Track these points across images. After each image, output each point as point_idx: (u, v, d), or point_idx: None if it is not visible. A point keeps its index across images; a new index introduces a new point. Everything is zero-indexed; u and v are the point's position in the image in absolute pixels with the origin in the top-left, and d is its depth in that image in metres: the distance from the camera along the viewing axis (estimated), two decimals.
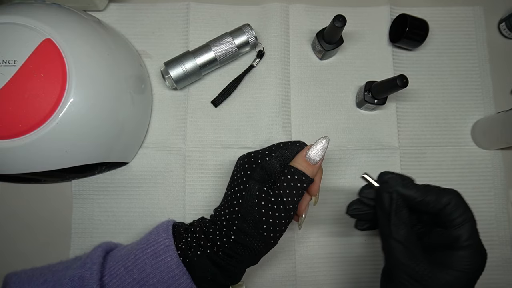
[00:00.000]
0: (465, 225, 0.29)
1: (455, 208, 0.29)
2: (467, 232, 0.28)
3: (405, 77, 0.37)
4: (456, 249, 0.28)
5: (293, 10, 0.47)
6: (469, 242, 0.28)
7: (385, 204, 0.31)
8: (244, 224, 0.31)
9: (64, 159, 0.33)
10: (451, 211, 0.29)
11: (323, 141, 0.33)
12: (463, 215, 0.29)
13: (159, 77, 0.45)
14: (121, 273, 0.30)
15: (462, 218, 0.29)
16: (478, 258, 0.28)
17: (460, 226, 0.29)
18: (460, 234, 0.29)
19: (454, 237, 0.29)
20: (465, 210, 0.30)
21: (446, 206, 0.29)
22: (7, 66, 0.30)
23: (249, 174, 0.32)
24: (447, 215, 0.29)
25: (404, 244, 0.29)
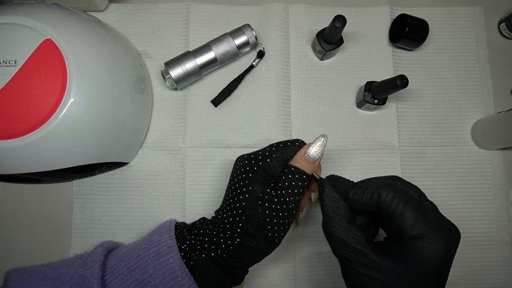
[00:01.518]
0: (405, 213, 0.26)
1: (390, 199, 0.26)
2: (409, 220, 0.26)
3: (405, 77, 0.37)
4: (406, 241, 0.26)
5: (293, 10, 0.47)
6: (416, 232, 0.25)
7: (322, 199, 0.29)
8: (249, 226, 0.31)
9: (64, 159, 0.33)
10: (388, 201, 0.26)
11: (321, 139, 0.33)
12: (399, 203, 0.26)
13: (159, 77, 0.45)
14: (123, 272, 0.30)
15: (400, 207, 0.26)
16: (436, 245, 0.25)
17: (400, 216, 0.26)
18: (403, 225, 0.26)
19: (399, 230, 0.26)
20: (401, 198, 0.26)
21: (379, 201, 0.27)
22: (7, 66, 0.30)
23: (251, 177, 0.32)
24: (386, 207, 0.27)
25: (341, 238, 0.27)
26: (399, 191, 0.27)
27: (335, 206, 0.28)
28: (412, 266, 0.25)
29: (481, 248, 0.43)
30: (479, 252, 0.44)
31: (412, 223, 0.26)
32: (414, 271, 0.25)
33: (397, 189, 0.27)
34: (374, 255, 0.26)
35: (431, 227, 0.26)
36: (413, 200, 0.27)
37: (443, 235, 0.26)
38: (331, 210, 0.28)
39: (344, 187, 0.29)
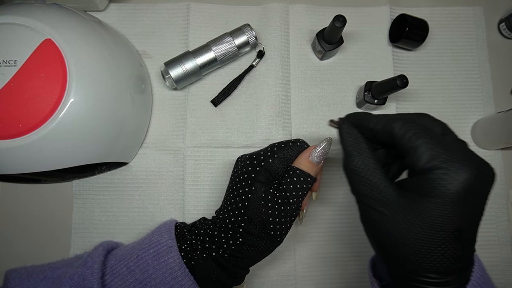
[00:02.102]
0: (418, 146, 0.23)
1: (404, 129, 0.25)
2: (423, 153, 0.23)
3: (405, 77, 0.37)
4: (421, 174, 0.23)
5: (293, 10, 0.47)
6: (431, 164, 0.23)
7: (342, 137, 0.28)
8: (251, 226, 0.31)
9: (64, 159, 0.33)
10: (401, 134, 0.25)
11: (326, 142, 0.34)
12: (413, 136, 0.24)
13: (159, 77, 0.45)
14: (123, 272, 0.30)
15: (413, 139, 0.24)
16: (453, 174, 0.22)
17: (413, 150, 0.24)
18: (416, 158, 0.23)
19: (414, 164, 0.24)
20: (415, 131, 0.24)
21: (394, 130, 0.25)
22: (7, 66, 0.30)
23: (253, 177, 0.32)
24: (399, 140, 0.25)
25: (358, 172, 0.26)
26: (415, 124, 0.25)
27: (354, 140, 0.27)
28: (425, 200, 0.23)
29: (481, 248, 0.43)
30: (479, 252, 0.42)
31: (426, 156, 0.23)
32: (428, 205, 0.23)
33: (413, 122, 0.25)
34: (389, 189, 0.24)
35: (449, 159, 0.23)
36: (431, 134, 0.24)
37: (464, 166, 0.22)
38: (350, 145, 0.27)
39: (361, 120, 0.28)
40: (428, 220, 0.22)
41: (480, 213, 0.24)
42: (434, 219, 0.22)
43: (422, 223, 0.23)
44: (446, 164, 0.22)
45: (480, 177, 0.23)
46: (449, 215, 0.22)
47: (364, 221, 0.26)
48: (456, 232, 0.22)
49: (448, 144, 0.24)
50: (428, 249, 0.23)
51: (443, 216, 0.22)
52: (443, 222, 0.22)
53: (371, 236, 0.26)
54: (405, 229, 0.23)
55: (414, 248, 0.23)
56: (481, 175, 0.23)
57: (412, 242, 0.23)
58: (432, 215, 0.22)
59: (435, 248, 0.22)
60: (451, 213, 0.22)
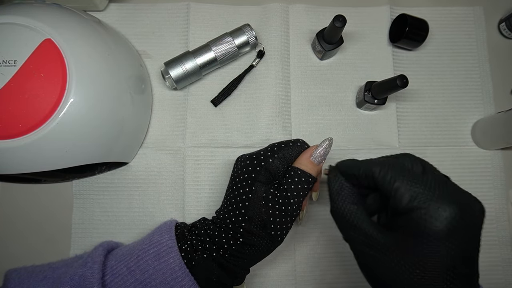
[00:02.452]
0: (398, 188, 0.24)
1: (382, 172, 0.25)
2: (403, 194, 0.23)
3: (405, 77, 0.37)
4: (403, 214, 0.24)
5: (293, 10, 0.47)
6: (411, 204, 0.23)
7: (328, 185, 0.29)
8: (252, 226, 0.31)
9: (64, 159, 0.33)
10: (381, 178, 0.25)
11: (327, 142, 0.34)
12: (391, 178, 0.24)
13: (159, 77, 0.45)
14: (123, 273, 0.30)
15: (392, 182, 0.24)
16: (435, 212, 0.22)
17: (394, 192, 0.24)
18: (397, 200, 0.24)
19: (396, 206, 0.24)
20: (394, 174, 0.25)
21: (374, 174, 0.26)
22: (7, 66, 0.30)
23: (253, 177, 0.32)
24: (380, 184, 0.25)
25: (343, 217, 0.27)
26: (393, 167, 0.25)
27: (339, 187, 0.28)
28: (411, 240, 0.23)
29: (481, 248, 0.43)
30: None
31: (406, 197, 0.23)
32: (414, 246, 0.23)
33: (391, 165, 0.26)
34: (374, 231, 0.25)
35: (428, 198, 0.23)
36: (411, 174, 0.25)
37: (444, 204, 0.22)
38: (334, 192, 0.28)
39: (347, 168, 0.29)
40: (417, 260, 0.22)
41: (475, 247, 0.24)
42: (422, 259, 0.22)
43: (412, 264, 0.23)
44: (426, 203, 0.23)
45: (465, 213, 0.22)
46: (438, 254, 0.22)
47: (360, 265, 0.27)
48: (449, 270, 0.22)
49: (428, 183, 0.24)
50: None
51: (431, 255, 0.22)
52: (432, 262, 0.22)
53: (369, 280, 0.27)
54: (397, 271, 0.23)
55: (408, 287, 0.23)
56: (465, 211, 0.23)
57: (406, 284, 0.23)
58: (420, 255, 0.22)
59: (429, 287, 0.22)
60: (439, 252, 0.22)
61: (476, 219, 0.23)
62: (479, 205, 0.24)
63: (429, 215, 0.22)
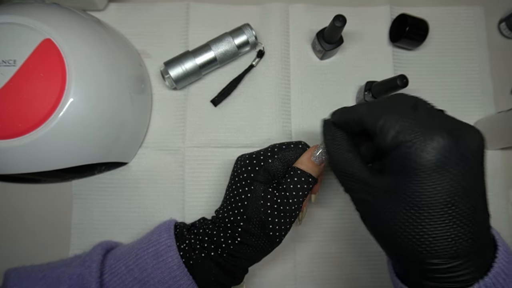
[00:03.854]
0: (384, 125, 0.22)
1: (369, 110, 0.24)
2: (388, 130, 0.21)
3: (405, 77, 0.37)
4: (391, 152, 0.22)
5: (293, 10, 0.47)
6: (397, 139, 0.21)
7: (322, 136, 0.29)
8: (250, 226, 0.31)
9: (63, 159, 0.33)
10: (367, 116, 0.24)
11: None
12: (378, 116, 0.22)
13: (159, 77, 0.44)
14: (122, 271, 0.30)
15: (378, 119, 0.22)
16: (420, 144, 0.20)
17: (379, 129, 0.22)
18: (382, 138, 0.22)
19: (381, 141, 0.22)
20: (380, 111, 0.23)
21: (362, 115, 0.24)
22: (6, 66, 0.30)
23: (252, 176, 0.32)
24: (366, 124, 0.24)
25: (338, 166, 0.25)
26: (381, 104, 0.24)
27: (332, 137, 0.27)
28: (401, 178, 0.21)
29: None
30: None
31: (392, 132, 0.21)
32: (404, 183, 0.21)
33: (380, 103, 0.24)
34: (368, 176, 0.23)
35: (415, 130, 0.21)
36: (399, 110, 0.22)
37: (433, 134, 0.20)
38: (328, 142, 0.28)
39: (340, 116, 0.28)
40: (410, 200, 0.20)
41: (477, 182, 0.21)
42: (415, 197, 0.20)
43: (405, 204, 0.21)
44: (411, 135, 0.20)
45: (458, 143, 0.20)
46: (430, 190, 0.20)
47: (362, 218, 0.25)
48: (446, 207, 0.20)
49: (418, 116, 0.22)
50: (421, 232, 0.20)
51: (423, 192, 0.20)
52: (425, 199, 0.20)
53: (371, 232, 0.25)
54: (392, 215, 0.21)
55: (406, 233, 0.21)
56: (459, 141, 0.20)
57: (403, 227, 0.21)
58: (412, 193, 0.20)
59: (428, 229, 0.20)
60: (430, 187, 0.20)
61: (474, 149, 0.21)
62: (476, 134, 0.21)
63: (415, 148, 0.20)
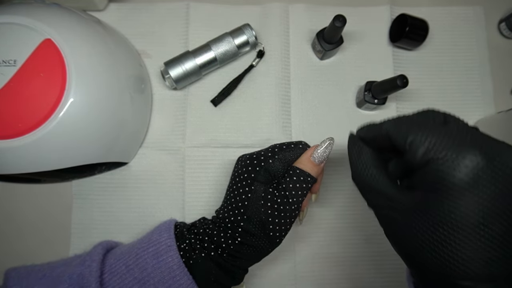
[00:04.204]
0: (413, 142, 0.21)
1: (397, 126, 0.23)
2: (417, 146, 0.21)
3: (405, 77, 0.37)
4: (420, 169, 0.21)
5: (293, 10, 0.47)
6: (427, 156, 0.20)
7: (348, 149, 0.28)
8: (250, 226, 0.31)
9: (64, 159, 0.33)
10: (395, 132, 0.23)
11: (328, 142, 0.33)
12: (406, 132, 0.22)
13: (159, 77, 0.44)
14: (122, 271, 0.30)
15: (406, 135, 0.22)
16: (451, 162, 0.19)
17: (408, 146, 0.22)
18: (411, 154, 0.21)
19: (411, 158, 0.21)
20: (408, 127, 0.22)
21: (389, 131, 0.24)
22: (7, 66, 0.30)
23: (253, 177, 0.32)
24: (394, 140, 0.23)
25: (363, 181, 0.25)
26: (410, 121, 0.23)
27: (358, 152, 0.26)
28: (431, 196, 0.20)
29: None
30: None
31: (422, 148, 0.21)
32: (434, 201, 0.20)
33: (409, 120, 0.23)
34: (395, 192, 0.22)
35: (447, 147, 0.20)
36: (429, 125, 0.22)
37: (466, 152, 0.19)
38: (353, 157, 0.26)
39: (367, 131, 0.27)
40: (439, 218, 0.20)
41: (510, 203, 0.19)
42: (445, 216, 0.19)
43: (435, 222, 0.20)
44: (443, 152, 0.20)
45: (493, 161, 0.19)
46: (461, 209, 0.19)
47: (386, 234, 0.24)
48: (478, 228, 0.19)
49: (449, 132, 0.21)
50: (451, 252, 0.19)
51: (454, 211, 0.19)
52: (456, 218, 0.19)
53: (396, 249, 0.24)
54: (421, 233, 0.21)
55: (434, 253, 0.20)
56: (493, 159, 0.19)
57: (430, 246, 0.20)
58: (442, 212, 0.20)
59: (459, 251, 0.19)
60: (462, 206, 0.19)
61: (508, 169, 0.19)
62: (511, 153, 0.20)
63: (447, 165, 0.19)
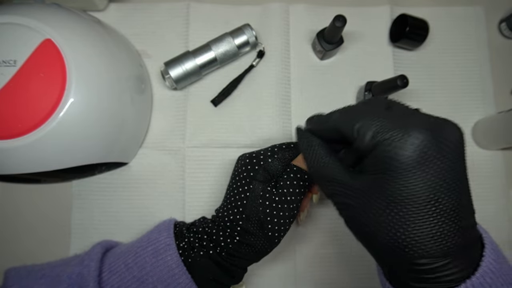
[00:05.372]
0: (360, 128, 0.21)
1: (342, 116, 0.24)
2: (364, 131, 0.21)
3: (406, 77, 0.37)
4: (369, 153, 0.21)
5: (293, 10, 0.47)
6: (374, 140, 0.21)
7: (298, 143, 0.27)
8: (249, 225, 0.31)
9: (64, 159, 0.33)
10: (341, 122, 0.23)
11: None
12: (352, 118, 0.22)
13: (159, 77, 0.44)
14: (121, 269, 0.30)
15: (352, 121, 0.22)
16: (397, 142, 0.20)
17: (355, 132, 0.22)
18: (359, 140, 0.22)
19: (359, 144, 0.22)
20: (353, 115, 0.23)
21: (335, 122, 0.24)
22: (7, 66, 0.30)
23: (252, 175, 0.32)
24: (341, 130, 0.23)
25: (317, 172, 0.25)
26: (355, 110, 0.24)
27: (308, 144, 0.26)
28: (381, 177, 0.20)
29: None
30: None
31: (369, 133, 0.21)
32: (384, 182, 0.20)
33: (354, 108, 0.24)
34: (347, 178, 0.23)
35: (392, 128, 0.21)
36: (373, 112, 0.22)
37: (410, 130, 0.20)
38: (304, 149, 0.26)
39: (315, 124, 0.27)
40: (392, 198, 0.20)
41: (460, 177, 0.21)
42: (397, 195, 0.20)
43: (386, 203, 0.20)
44: (389, 133, 0.20)
45: (437, 137, 0.20)
46: (411, 187, 0.19)
47: (346, 222, 0.25)
48: (430, 204, 0.19)
49: (394, 115, 0.22)
50: (406, 231, 0.20)
51: (404, 189, 0.20)
52: (407, 196, 0.20)
53: (356, 236, 0.24)
54: (375, 215, 0.21)
55: (391, 234, 0.20)
56: (438, 135, 0.20)
57: (387, 228, 0.20)
58: (393, 191, 0.20)
59: (413, 228, 0.20)
60: (412, 184, 0.19)
61: (453, 143, 0.20)
62: (455, 128, 0.21)
63: (393, 145, 0.20)
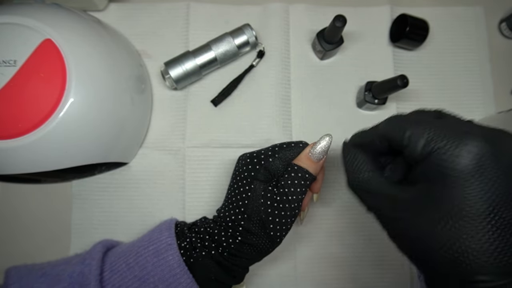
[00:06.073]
0: (411, 137, 0.21)
1: (393, 125, 0.23)
2: (416, 142, 0.21)
3: (406, 77, 0.37)
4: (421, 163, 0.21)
5: (293, 10, 0.47)
6: (428, 148, 0.20)
7: (342, 157, 0.27)
8: (250, 225, 0.31)
9: (64, 159, 0.33)
10: (392, 131, 0.23)
11: (326, 138, 0.33)
12: (403, 129, 0.22)
13: (159, 77, 0.44)
14: (122, 269, 0.30)
15: (403, 129, 0.22)
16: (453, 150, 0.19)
17: (406, 142, 0.21)
18: (411, 149, 0.21)
19: (411, 153, 0.21)
20: (405, 125, 0.22)
21: (385, 131, 0.24)
22: (7, 66, 0.30)
23: (253, 175, 0.32)
24: (392, 139, 0.23)
25: (361, 185, 0.24)
26: (404, 118, 0.23)
27: (352, 159, 0.25)
28: (434, 187, 0.19)
29: None
30: None
31: (422, 142, 0.20)
32: (438, 192, 0.19)
33: (401, 117, 0.23)
34: (394, 190, 0.22)
35: (446, 137, 0.20)
36: (425, 120, 0.22)
37: (465, 140, 0.19)
38: (347, 164, 0.26)
39: (361, 138, 0.27)
40: (447, 210, 0.19)
41: None
42: (452, 208, 0.19)
43: (442, 215, 0.19)
44: (444, 141, 0.20)
45: (494, 147, 0.19)
46: (468, 197, 0.18)
47: (390, 236, 0.23)
48: (488, 217, 0.18)
49: (447, 123, 0.21)
50: (462, 244, 0.18)
51: (460, 200, 0.18)
52: (464, 208, 0.18)
53: (404, 251, 0.23)
54: (428, 229, 0.19)
55: (447, 248, 0.19)
56: (494, 146, 0.19)
57: (442, 242, 0.19)
58: (448, 201, 0.19)
59: (469, 242, 0.18)
60: (469, 195, 0.18)
61: (510, 154, 0.19)
62: (511, 139, 0.20)
63: (449, 154, 0.19)
